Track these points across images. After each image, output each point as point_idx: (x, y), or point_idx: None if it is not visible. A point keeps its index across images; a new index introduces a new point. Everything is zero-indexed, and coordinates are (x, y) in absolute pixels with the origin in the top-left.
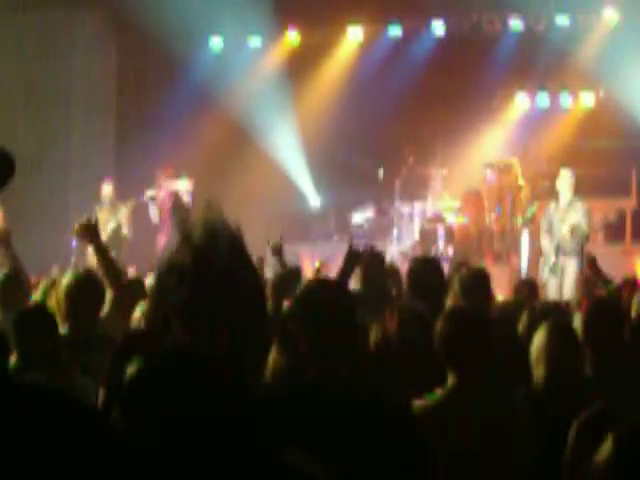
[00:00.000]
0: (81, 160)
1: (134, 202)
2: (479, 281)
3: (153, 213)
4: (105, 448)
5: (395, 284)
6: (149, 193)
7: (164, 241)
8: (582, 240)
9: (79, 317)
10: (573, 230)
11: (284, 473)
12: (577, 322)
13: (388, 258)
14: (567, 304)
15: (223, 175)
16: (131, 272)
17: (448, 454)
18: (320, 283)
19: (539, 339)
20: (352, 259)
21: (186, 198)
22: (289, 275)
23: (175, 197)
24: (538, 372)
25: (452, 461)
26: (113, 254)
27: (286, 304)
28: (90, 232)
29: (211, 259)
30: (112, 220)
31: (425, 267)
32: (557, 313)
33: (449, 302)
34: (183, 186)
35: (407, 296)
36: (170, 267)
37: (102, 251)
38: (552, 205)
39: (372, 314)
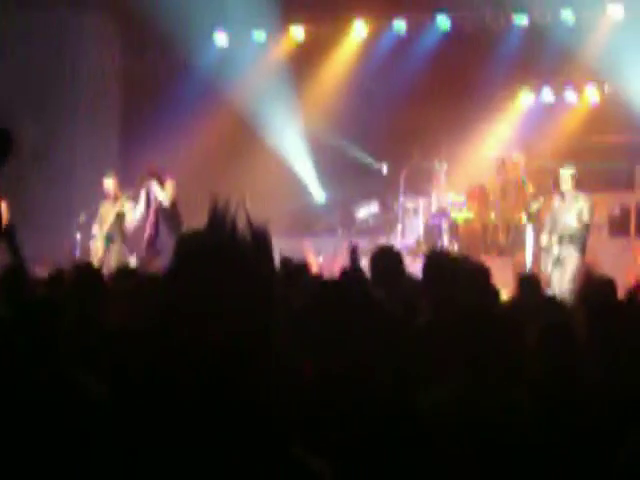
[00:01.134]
0: (86, 156)
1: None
2: (481, 276)
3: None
4: None
5: None
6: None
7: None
8: (584, 230)
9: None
10: (579, 219)
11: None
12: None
13: None
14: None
15: (228, 170)
16: (132, 261)
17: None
18: None
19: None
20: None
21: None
22: (294, 269)
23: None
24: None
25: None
26: (115, 245)
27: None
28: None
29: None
30: (112, 212)
31: (384, 256)
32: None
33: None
34: (162, 196)
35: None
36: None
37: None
38: (556, 201)
39: None
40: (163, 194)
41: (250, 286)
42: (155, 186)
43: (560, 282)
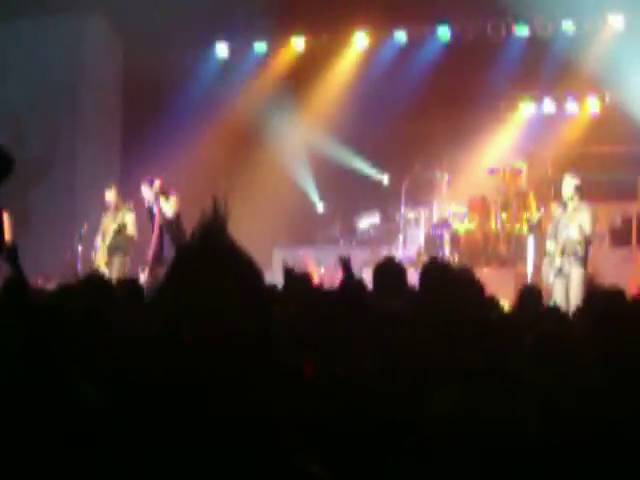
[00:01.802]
0: (87, 166)
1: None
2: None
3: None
4: None
5: None
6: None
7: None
8: (585, 243)
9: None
10: (580, 233)
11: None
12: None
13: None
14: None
15: (229, 181)
16: (139, 273)
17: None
18: None
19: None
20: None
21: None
22: (297, 282)
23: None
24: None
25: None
26: (118, 257)
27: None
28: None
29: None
30: (114, 223)
31: (386, 268)
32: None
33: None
34: (167, 207)
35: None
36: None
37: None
38: (558, 211)
39: None
40: (168, 205)
41: (247, 287)
42: (161, 199)
43: (562, 295)
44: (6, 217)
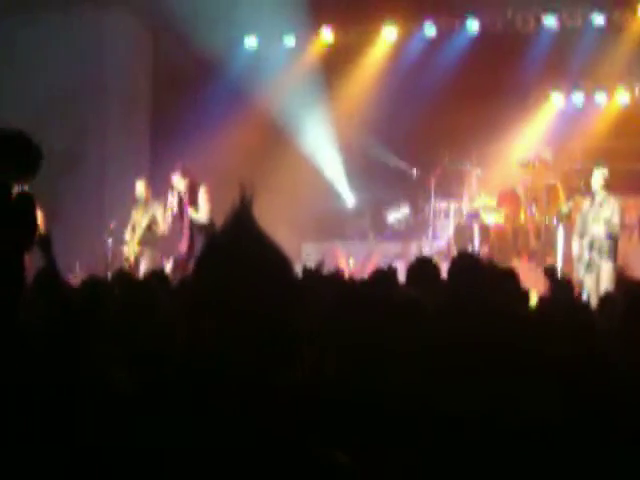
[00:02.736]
0: (117, 159)
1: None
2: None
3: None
4: None
5: None
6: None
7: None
8: (613, 237)
9: None
10: (607, 228)
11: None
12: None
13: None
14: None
15: (258, 174)
16: (168, 267)
17: None
18: None
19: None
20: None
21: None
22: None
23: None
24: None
25: None
26: (147, 251)
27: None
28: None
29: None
30: (145, 217)
31: (421, 266)
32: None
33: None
34: (198, 216)
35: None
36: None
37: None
38: (586, 203)
39: None
40: (199, 214)
41: (274, 280)
42: (190, 210)
43: (593, 289)
44: (40, 214)
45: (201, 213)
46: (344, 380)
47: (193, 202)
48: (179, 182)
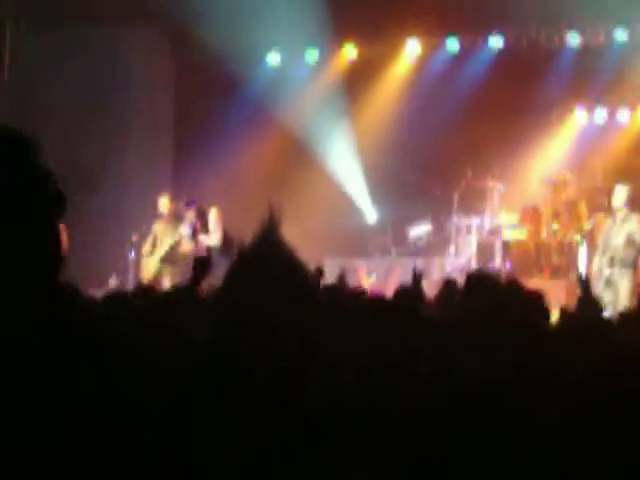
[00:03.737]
0: (139, 175)
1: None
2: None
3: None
4: None
5: None
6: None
7: None
8: (635, 251)
9: None
10: (629, 241)
11: None
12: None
13: (446, 272)
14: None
15: (280, 190)
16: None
17: None
18: None
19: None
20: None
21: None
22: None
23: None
24: None
25: None
26: (169, 268)
27: None
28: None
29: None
30: (171, 235)
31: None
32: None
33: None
34: (209, 241)
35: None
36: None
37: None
38: (609, 222)
39: None
40: (210, 239)
41: (299, 296)
42: (201, 236)
43: (611, 304)
44: (63, 230)
45: (212, 237)
46: (366, 397)
47: (204, 227)
48: (187, 214)
